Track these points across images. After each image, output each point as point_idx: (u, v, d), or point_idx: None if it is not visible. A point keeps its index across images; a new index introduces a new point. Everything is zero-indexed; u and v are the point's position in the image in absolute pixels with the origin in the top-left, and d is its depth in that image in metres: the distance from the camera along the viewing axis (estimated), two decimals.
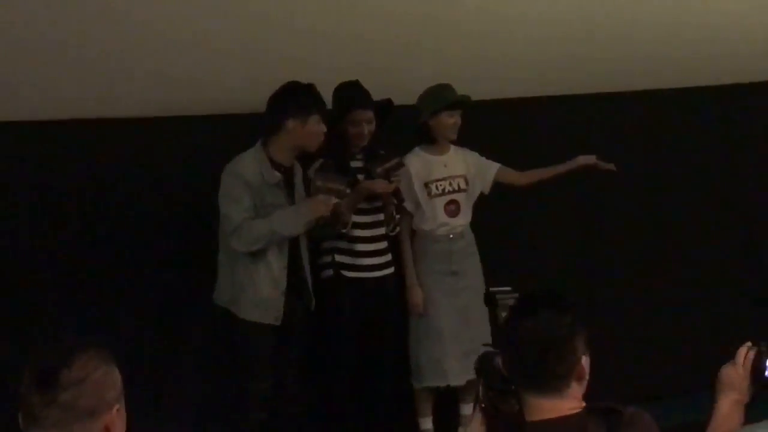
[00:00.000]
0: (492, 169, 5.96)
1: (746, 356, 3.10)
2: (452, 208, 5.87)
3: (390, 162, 5.61)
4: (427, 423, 5.89)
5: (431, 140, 5.85)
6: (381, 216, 5.69)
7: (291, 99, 5.28)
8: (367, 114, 5.57)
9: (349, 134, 5.58)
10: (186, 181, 5.59)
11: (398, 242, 5.80)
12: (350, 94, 5.57)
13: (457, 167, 5.90)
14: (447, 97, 5.74)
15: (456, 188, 5.88)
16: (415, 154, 5.86)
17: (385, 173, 5.58)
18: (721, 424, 3.08)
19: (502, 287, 3.18)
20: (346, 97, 5.57)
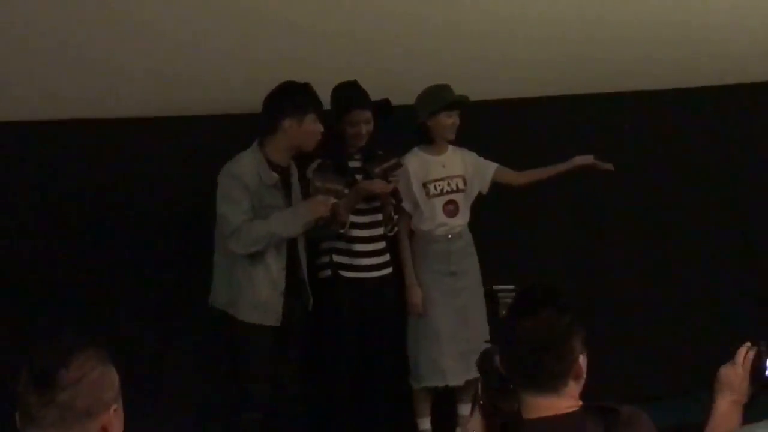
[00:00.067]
0: (490, 169, 5.96)
1: (745, 356, 3.09)
2: (451, 208, 5.87)
3: (388, 162, 5.61)
4: (425, 423, 5.89)
5: (429, 140, 5.85)
6: (379, 216, 5.69)
7: (287, 98, 5.27)
8: (365, 114, 5.56)
9: (348, 134, 5.58)
10: (186, 181, 5.58)
11: (397, 242, 5.80)
12: (348, 94, 5.57)
13: (456, 167, 5.90)
14: (445, 98, 5.74)
15: (454, 188, 5.88)
16: (414, 154, 5.86)
17: (383, 173, 5.58)
18: (719, 424, 3.08)
19: (505, 285, 3.18)
20: (344, 97, 5.57)
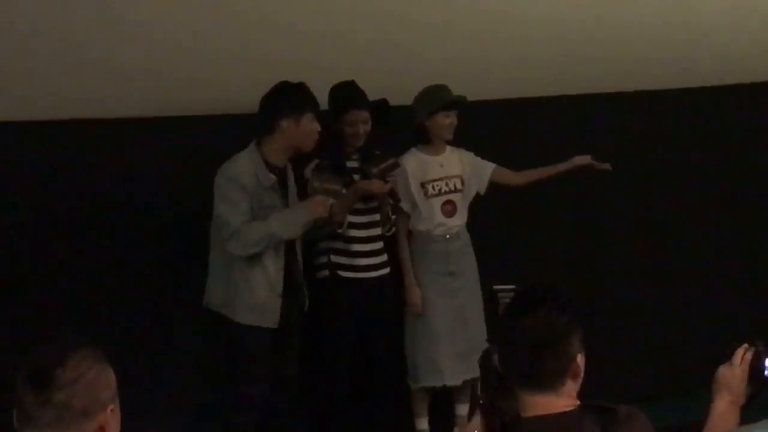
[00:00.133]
0: (488, 169, 5.95)
1: (743, 357, 3.09)
2: (449, 209, 5.87)
3: (386, 162, 5.60)
4: (423, 423, 5.88)
5: (427, 140, 5.85)
6: (377, 216, 5.68)
7: (283, 99, 5.26)
8: (363, 114, 5.56)
9: (345, 134, 5.58)
10: (186, 181, 5.58)
11: (395, 242, 5.80)
12: (346, 94, 5.57)
13: (453, 167, 5.89)
14: (443, 98, 5.74)
15: (452, 188, 5.88)
16: (412, 154, 5.86)
17: (380, 173, 5.57)
18: (716, 425, 3.07)
19: (506, 285, 3.17)
20: (342, 97, 5.57)
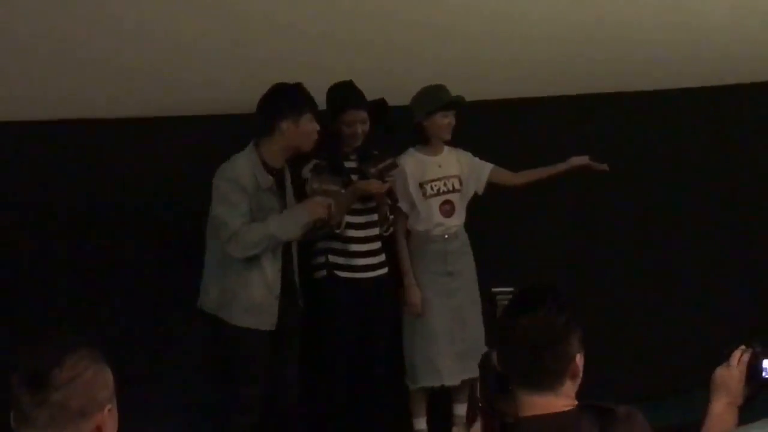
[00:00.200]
0: (485, 169, 5.95)
1: (740, 358, 3.09)
2: (447, 209, 5.87)
3: (384, 162, 5.60)
4: (421, 423, 5.88)
5: (425, 141, 5.85)
6: (375, 216, 5.67)
7: (281, 100, 5.25)
8: (361, 114, 5.56)
9: (343, 134, 5.57)
10: (186, 181, 5.58)
11: (393, 243, 5.80)
12: (344, 95, 5.56)
13: (452, 167, 5.89)
14: (441, 98, 5.74)
15: (450, 188, 5.88)
16: (410, 154, 5.86)
17: (378, 173, 5.57)
18: (714, 425, 3.08)
19: (505, 288, 3.17)
20: (339, 98, 5.57)
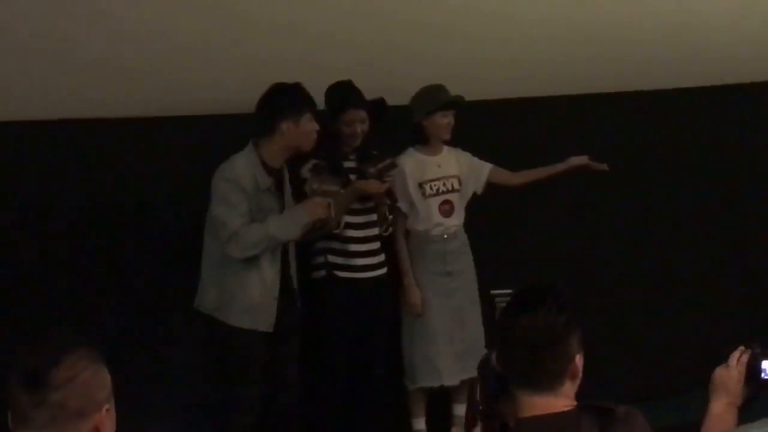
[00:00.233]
0: (485, 169, 5.95)
1: (739, 359, 3.09)
2: (446, 208, 5.86)
3: (383, 162, 5.60)
4: (420, 423, 5.87)
5: (425, 140, 5.85)
6: (374, 216, 5.67)
7: (281, 100, 5.24)
8: (360, 114, 5.55)
9: (343, 134, 5.57)
10: (185, 181, 5.58)
11: (393, 243, 5.79)
12: (343, 94, 5.56)
13: (451, 167, 5.89)
14: (441, 98, 5.73)
15: (450, 188, 5.87)
16: (409, 154, 5.86)
17: (377, 173, 5.56)
18: (713, 426, 3.07)
19: (504, 290, 3.17)
20: (338, 97, 5.56)
